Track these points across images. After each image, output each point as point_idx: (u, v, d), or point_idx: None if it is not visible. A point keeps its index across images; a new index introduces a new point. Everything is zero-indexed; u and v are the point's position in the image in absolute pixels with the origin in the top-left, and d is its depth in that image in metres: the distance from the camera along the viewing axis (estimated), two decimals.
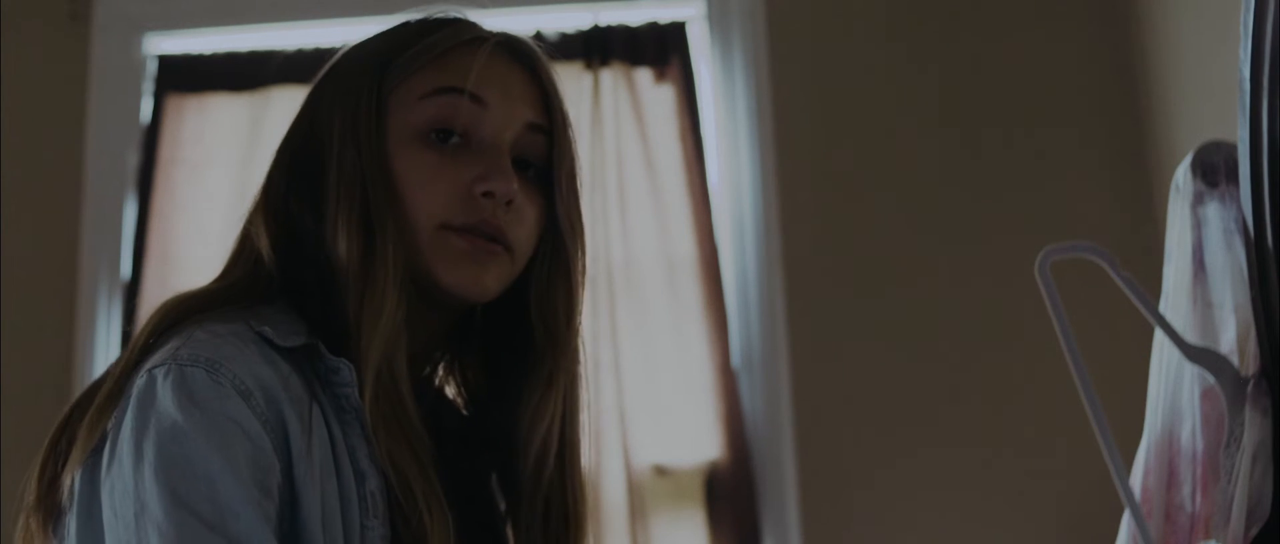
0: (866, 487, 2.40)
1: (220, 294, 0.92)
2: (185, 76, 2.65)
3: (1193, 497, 1.27)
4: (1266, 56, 1.12)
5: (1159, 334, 1.31)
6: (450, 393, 1.07)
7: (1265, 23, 1.12)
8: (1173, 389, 1.31)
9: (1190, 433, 1.28)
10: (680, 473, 2.46)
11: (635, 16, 2.63)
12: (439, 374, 1.06)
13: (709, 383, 2.46)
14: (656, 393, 2.47)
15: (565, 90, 1.02)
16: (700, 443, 2.45)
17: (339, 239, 0.91)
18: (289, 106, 1.02)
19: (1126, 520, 1.30)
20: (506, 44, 0.99)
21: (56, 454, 0.86)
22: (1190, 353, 1.25)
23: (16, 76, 2.57)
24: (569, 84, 2.10)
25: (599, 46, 2.60)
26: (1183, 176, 1.33)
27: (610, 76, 2.59)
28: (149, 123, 2.63)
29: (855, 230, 2.51)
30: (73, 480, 0.83)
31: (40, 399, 2.34)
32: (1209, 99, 2.12)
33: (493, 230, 0.93)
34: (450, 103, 0.94)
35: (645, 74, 2.61)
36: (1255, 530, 1.13)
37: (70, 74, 2.61)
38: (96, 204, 2.56)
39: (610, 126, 2.56)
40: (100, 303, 2.51)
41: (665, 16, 2.65)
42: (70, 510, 0.83)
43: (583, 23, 2.62)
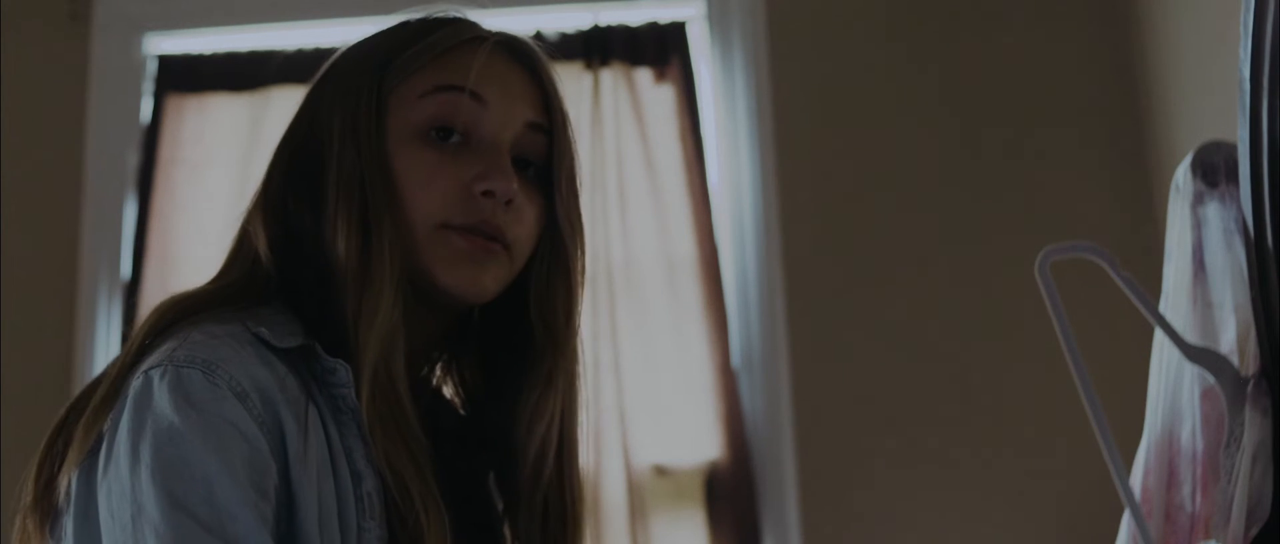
0: (866, 487, 2.39)
1: (217, 295, 0.92)
2: (185, 76, 2.65)
3: (1193, 497, 1.27)
4: (1266, 56, 1.12)
5: (1159, 334, 1.31)
6: (448, 393, 1.07)
7: (1265, 23, 1.12)
8: (1173, 389, 1.31)
9: (1190, 433, 1.28)
10: (680, 473, 2.46)
11: (635, 16, 2.63)
12: (437, 374, 1.06)
13: (709, 383, 2.46)
14: (656, 393, 2.46)
15: (565, 90, 1.02)
16: (700, 443, 2.45)
17: (338, 238, 0.91)
18: (289, 106, 1.01)
19: (1126, 520, 1.30)
20: (506, 43, 0.99)
21: (53, 455, 0.86)
22: (1190, 353, 1.25)
23: (16, 76, 2.57)
24: (569, 84, 2.09)
25: (599, 46, 2.60)
26: (1183, 176, 1.33)
27: (610, 76, 2.59)
28: (149, 123, 2.63)
29: (855, 230, 2.51)
30: (69, 481, 0.83)
31: (40, 399, 2.34)
32: (1209, 99, 2.12)
33: (492, 230, 0.93)
34: (450, 100, 0.94)
35: (645, 74, 2.61)
36: (1255, 530, 1.13)
37: (70, 74, 2.61)
38: (96, 204, 2.56)
39: (610, 126, 2.56)
40: (100, 303, 2.51)
41: (665, 16, 2.64)
42: (67, 511, 0.83)
43: (583, 23, 2.62)
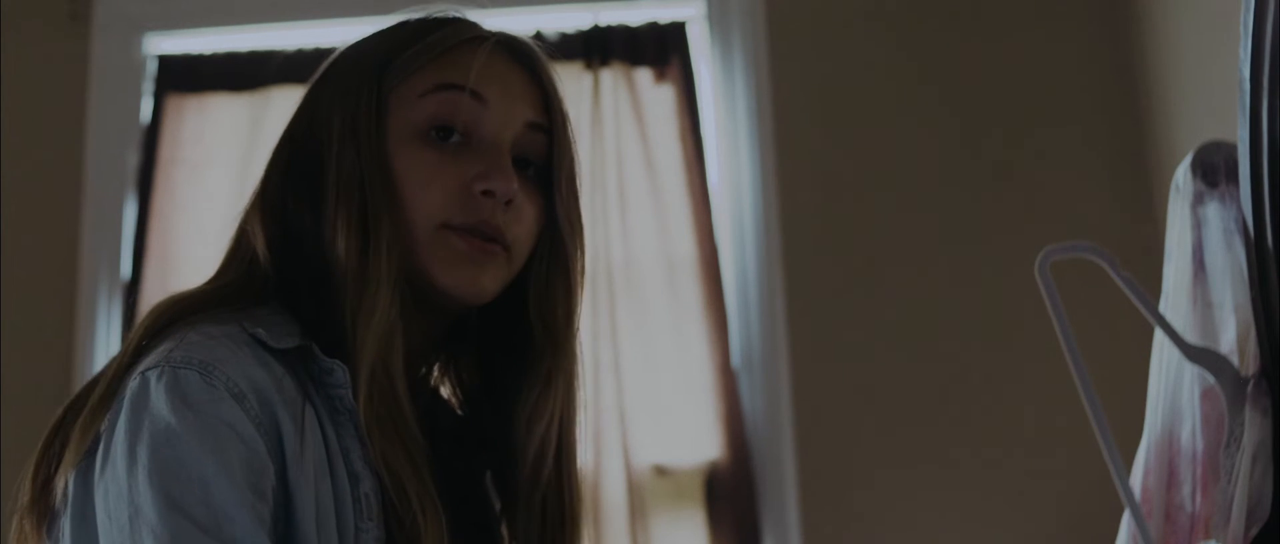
0: (866, 487, 2.39)
1: (214, 295, 0.92)
2: (185, 76, 2.65)
3: (1193, 497, 1.27)
4: (1266, 56, 1.12)
5: (1159, 334, 1.31)
6: (445, 393, 1.07)
7: (1265, 23, 1.12)
8: (1173, 389, 1.31)
9: (1190, 433, 1.28)
10: (680, 473, 2.46)
11: (635, 16, 2.63)
12: (434, 374, 1.06)
13: (709, 383, 2.46)
14: (656, 393, 2.46)
15: (565, 90, 1.02)
16: (700, 443, 2.45)
17: (337, 238, 0.90)
18: (289, 106, 1.01)
19: (1126, 520, 1.30)
20: (507, 43, 0.99)
21: (50, 456, 0.85)
22: (1190, 353, 1.25)
23: (16, 76, 2.57)
24: (569, 84, 2.08)
25: (599, 46, 2.60)
26: (1183, 176, 1.33)
27: (610, 76, 2.59)
28: (149, 123, 2.63)
29: (855, 230, 2.51)
30: (66, 482, 0.83)
31: (40, 399, 2.31)
32: (1209, 99, 2.12)
33: (492, 230, 0.93)
34: (451, 99, 0.94)
35: (645, 74, 2.61)
36: (1255, 530, 1.13)
37: (70, 74, 2.61)
38: (96, 204, 2.56)
39: (610, 126, 2.56)
40: (100, 303, 2.51)
41: (665, 16, 2.64)
42: (64, 512, 0.83)
43: (583, 23, 2.62)
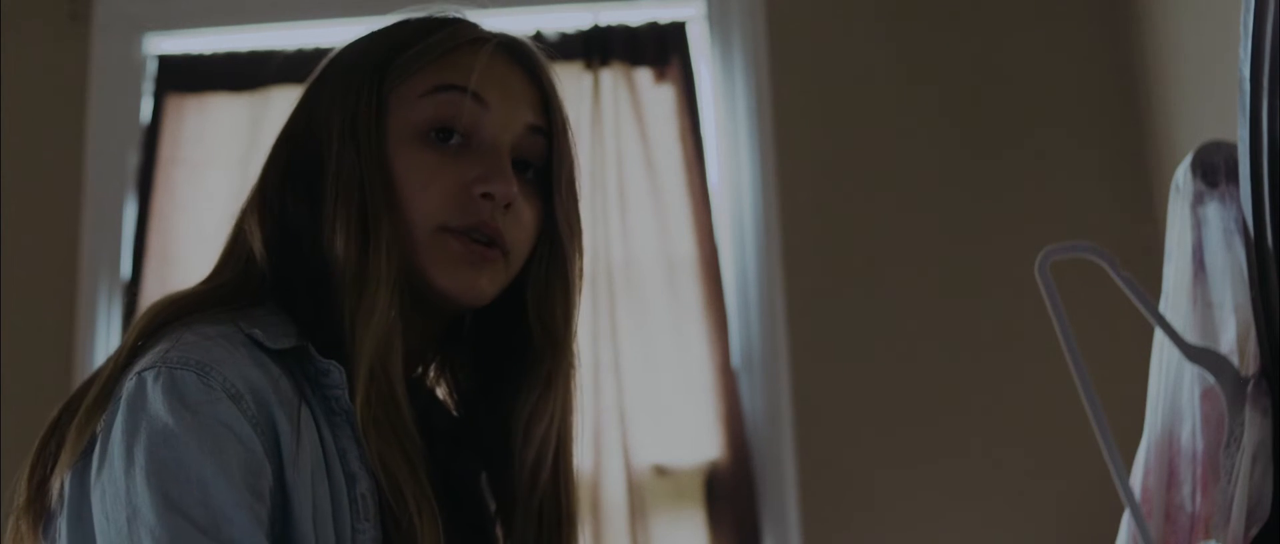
0: (866, 487, 2.39)
1: (210, 295, 0.91)
2: (185, 76, 2.65)
3: (1193, 497, 1.27)
4: (1266, 56, 1.12)
5: (1159, 334, 1.31)
6: (441, 394, 1.07)
7: (1265, 23, 1.12)
8: (1173, 389, 1.31)
9: (1190, 433, 1.28)
10: (680, 473, 2.46)
11: (635, 16, 2.63)
12: (430, 375, 1.06)
13: (709, 383, 2.46)
14: (656, 393, 2.46)
15: (565, 93, 1.02)
16: (700, 443, 2.45)
17: (336, 239, 0.90)
18: (289, 107, 1.01)
19: (1126, 520, 1.30)
20: (508, 45, 0.99)
21: (46, 456, 0.85)
22: (1190, 353, 1.25)
23: (16, 76, 2.57)
24: (569, 84, 2.09)
25: (599, 46, 2.60)
26: (1183, 176, 1.33)
27: (610, 76, 2.59)
28: (149, 123, 2.63)
29: (855, 230, 2.51)
30: (62, 483, 0.83)
31: (40, 399, 2.30)
32: (1209, 99, 2.12)
33: (491, 233, 0.92)
34: (452, 101, 0.94)
35: (645, 74, 2.61)
36: (1255, 530, 1.13)
37: (70, 74, 2.61)
38: (96, 204, 2.56)
39: (610, 126, 2.56)
40: (100, 303, 2.51)
41: (665, 16, 2.64)
42: (60, 513, 0.83)
43: (583, 23, 2.62)
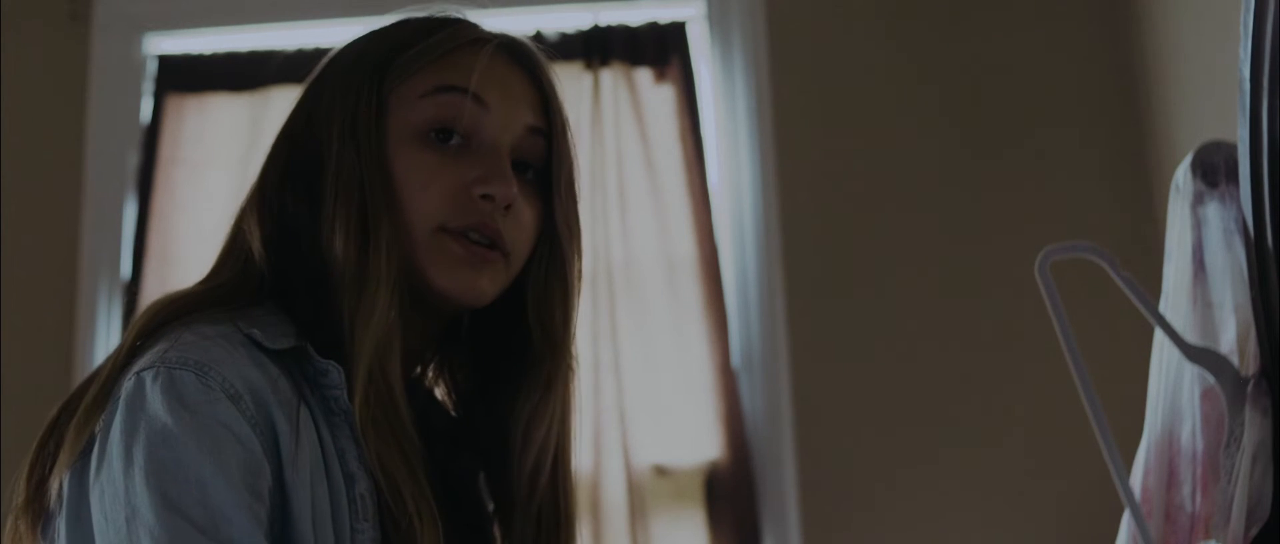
0: (866, 486, 2.39)
1: (208, 295, 0.91)
2: (185, 76, 2.65)
3: (1193, 497, 1.27)
4: (1266, 56, 1.12)
5: (1159, 334, 1.31)
6: (439, 394, 1.07)
7: (1265, 23, 1.12)
8: (1173, 389, 1.31)
9: (1190, 433, 1.28)
10: (680, 473, 2.46)
11: (635, 16, 2.63)
12: (429, 375, 1.06)
13: (709, 383, 2.46)
14: (656, 393, 2.46)
15: (565, 94, 1.02)
16: (700, 443, 2.45)
17: (335, 239, 0.90)
18: (289, 107, 1.01)
19: (1126, 520, 1.30)
20: (508, 46, 0.99)
21: (44, 456, 0.85)
22: (1190, 353, 1.25)
23: (16, 76, 2.57)
24: (569, 84, 2.09)
25: (599, 46, 2.60)
26: (1183, 176, 1.33)
27: (610, 76, 2.59)
28: (149, 123, 2.63)
29: (855, 230, 2.51)
30: (61, 483, 0.83)
31: (40, 399, 2.31)
32: (1209, 99, 2.12)
33: (490, 234, 0.92)
34: (452, 102, 0.94)
35: (645, 74, 2.61)
36: (1255, 530, 1.13)
37: (70, 74, 2.61)
38: (96, 204, 2.56)
39: (610, 127, 2.56)
40: (100, 303, 2.51)
41: (665, 16, 2.64)
42: (59, 513, 0.83)
43: (583, 23, 2.62)
